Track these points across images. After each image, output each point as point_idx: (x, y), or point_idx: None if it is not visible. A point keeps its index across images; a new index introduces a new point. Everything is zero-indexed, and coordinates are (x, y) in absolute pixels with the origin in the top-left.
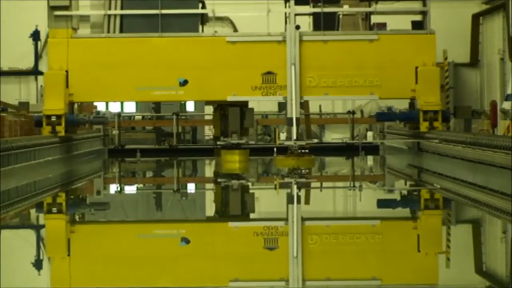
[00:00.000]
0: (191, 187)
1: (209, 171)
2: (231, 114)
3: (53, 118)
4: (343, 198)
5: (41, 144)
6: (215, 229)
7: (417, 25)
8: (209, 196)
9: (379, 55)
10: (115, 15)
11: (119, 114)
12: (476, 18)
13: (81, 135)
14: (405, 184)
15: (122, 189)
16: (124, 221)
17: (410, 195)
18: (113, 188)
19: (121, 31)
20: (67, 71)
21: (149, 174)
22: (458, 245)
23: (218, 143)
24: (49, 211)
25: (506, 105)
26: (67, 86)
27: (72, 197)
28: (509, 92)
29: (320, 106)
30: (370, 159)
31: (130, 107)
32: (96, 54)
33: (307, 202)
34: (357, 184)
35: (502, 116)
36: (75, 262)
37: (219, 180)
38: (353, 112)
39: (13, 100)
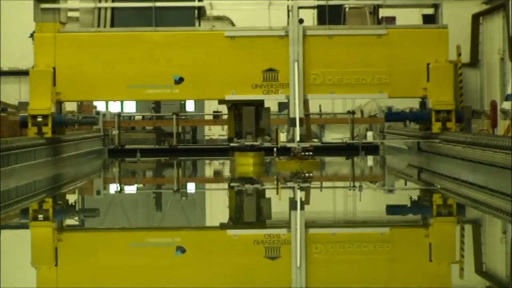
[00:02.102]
0: (190, 190)
1: (209, 172)
2: (245, 113)
3: (39, 119)
4: (348, 203)
5: (41, 144)
6: (213, 237)
7: (429, 19)
8: (209, 200)
9: (388, 51)
10: (105, 8)
11: (119, 114)
12: (476, 18)
13: (81, 135)
14: (406, 184)
15: (121, 190)
16: (116, 229)
17: (420, 200)
18: (112, 188)
19: (112, 25)
20: (54, 68)
21: (149, 174)
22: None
23: (231, 144)
24: (35, 218)
25: (506, 105)
26: (54, 84)
27: (60, 202)
28: (509, 92)
29: (320, 106)
30: (370, 159)
31: (130, 107)
32: (85, 49)
33: (310, 207)
34: (363, 187)
35: (502, 116)
36: (63, 273)
37: (232, 184)
38: (353, 112)
39: (13, 100)
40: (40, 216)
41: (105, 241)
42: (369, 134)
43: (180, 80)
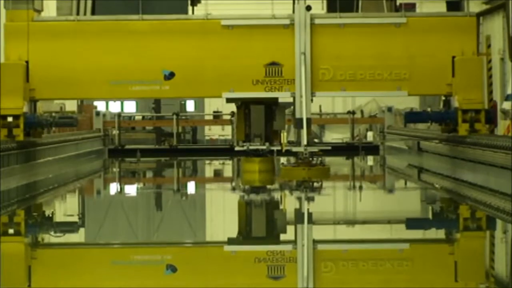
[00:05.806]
0: (190, 192)
1: (209, 172)
2: (253, 113)
3: (10, 119)
4: (352, 207)
5: (41, 143)
6: (208, 254)
7: (453, 6)
8: (209, 203)
9: (408, 42)
10: None
11: (119, 114)
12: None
13: (81, 135)
14: (405, 183)
15: (121, 190)
16: (98, 244)
17: (444, 212)
18: (112, 189)
19: (93, 13)
20: (27, 62)
21: (149, 174)
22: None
23: (236, 148)
24: (5, 233)
25: (506, 105)
26: (27, 79)
27: (35, 214)
28: (509, 92)
29: (320, 106)
30: (370, 159)
31: (130, 107)
32: (63, 40)
33: (316, 213)
34: (364, 187)
35: (502, 116)
36: None
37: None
38: (353, 112)
39: None
40: (11, 231)
41: (86, 258)
42: (369, 134)
43: (170, 76)
